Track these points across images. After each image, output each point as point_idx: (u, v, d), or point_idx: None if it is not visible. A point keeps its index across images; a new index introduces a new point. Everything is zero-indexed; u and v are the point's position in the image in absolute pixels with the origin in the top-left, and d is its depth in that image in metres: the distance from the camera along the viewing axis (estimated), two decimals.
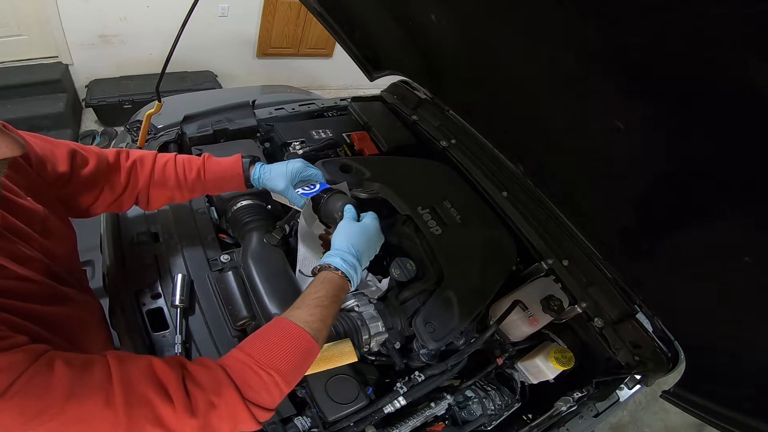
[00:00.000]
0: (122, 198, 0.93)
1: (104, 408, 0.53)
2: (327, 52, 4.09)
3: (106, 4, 2.92)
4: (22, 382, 0.48)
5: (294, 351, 0.68)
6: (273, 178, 1.00)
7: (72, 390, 0.51)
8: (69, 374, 0.52)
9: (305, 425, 0.90)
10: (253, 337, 0.71)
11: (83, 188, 0.86)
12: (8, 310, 0.56)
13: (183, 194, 0.99)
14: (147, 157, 0.95)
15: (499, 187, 1.35)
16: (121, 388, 0.54)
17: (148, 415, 0.55)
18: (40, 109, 2.79)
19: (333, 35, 1.47)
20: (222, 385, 0.61)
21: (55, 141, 0.81)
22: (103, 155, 0.89)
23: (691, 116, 0.68)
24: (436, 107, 1.62)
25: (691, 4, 0.54)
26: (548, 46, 0.84)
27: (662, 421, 2.38)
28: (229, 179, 1.01)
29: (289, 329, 0.70)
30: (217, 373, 0.62)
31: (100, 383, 0.54)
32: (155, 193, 0.96)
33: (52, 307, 0.66)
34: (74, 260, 0.85)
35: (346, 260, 0.83)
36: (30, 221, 0.69)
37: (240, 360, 0.65)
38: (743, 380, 0.85)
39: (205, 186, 1.00)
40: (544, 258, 1.20)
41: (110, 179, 0.90)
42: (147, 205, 0.98)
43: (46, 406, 0.49)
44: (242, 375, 0.63)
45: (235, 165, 1.00)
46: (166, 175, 0.95)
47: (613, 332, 1.10)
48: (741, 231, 0.75)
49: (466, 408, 1.08)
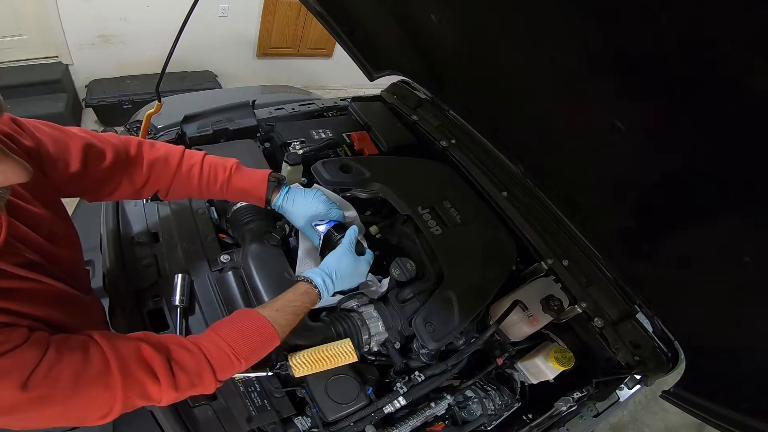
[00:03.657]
0: (142, 191, 0.93)
1: (104, 390, 0.60)
2: (327, 52, 4.09)
3: (106, 4, 2.92)
4: (40, 374, 0.54)
5: (264, 348, 0.79)
6: (294, 212, 1.02)
7: (78, 378, 0.58)
8: (74, 363, 0.58)
9: (305, 425, 0.90)
10: (230, 324, 0.78)
11: (99, 183, 0.85)
12: (12, 312, 0.58)
13: (201, 197, 1.05)
14: (173, 155, 0.94)
15: (499, 187, 1.35)
16: (119, 373, 0.61)
17: (138, 392, 0.64)
18: (40, 109, 2.78)
19: (333, 35, 1.47)
20: (203, 369, 0.70)
21: (69, 132, 0.79)
22: (122, 147, 0.87)
23: (692, 116, 0.68)
24: (436, 107, 1.62)
25: (691, 4, 0.54)
26: (548, 46, 0.84)
27: (662, 421, 2.38)
28: (250, 198, 1.02)
29: (266, 330, 0.78)
30: (199, 358, 0.70)
31: (100, 369, 0.60)
32: (173, 193, 0.97)
33: (55, 309, 0.66)
34: (78, 263, 0.85)
35: (326, 283, 0.90)
36: (37, 227, 0.69)
37: (219, 347, 0.73)
38: (743, 380, 0.85)
39: (224, 197, 1.01)
40: (544, 258, 1.20)
41: (130, 172, 0.88)
42: (165, 196, 0.98)
43: (57, 394, 0.56)
44: (219, 360, 0.72)
45: (260, 186, 1.00)
46: (190, 180, 0.95)
47: (613, 332, 1.10)
48: (741, 231, 0.75)
49: (466, 408, 1.08)
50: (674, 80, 0.66)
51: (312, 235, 1.05)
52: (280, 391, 0.91)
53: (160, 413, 0.84)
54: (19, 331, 0.56)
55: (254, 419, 0.86)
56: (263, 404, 0.88)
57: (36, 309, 0.62)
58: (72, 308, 0.71)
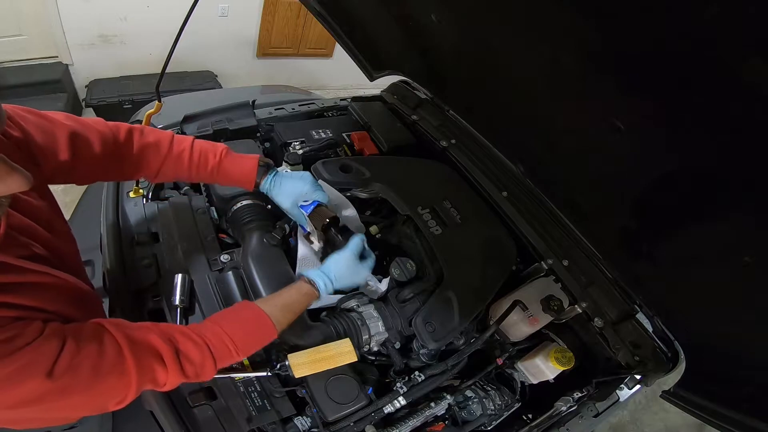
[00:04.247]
0: (132, 175, 0.94)
1: (120, 377, 0.63)
2: (327, 52, 4.09)
3: (106, 4, 2.91)
4: (64, 364, 0.56)
5: (262, 343, 0.82)
6: (280, 193, 1.02)
7: (97, 368, 0.60)
8: (92, 353, 0.60)
9: (305, 425, 0.90)
10: (233, 316, 0.81)
11: (88, 172, 0.84)
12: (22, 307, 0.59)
13: (191, 179, 1.04)
14: (163, 140, 0.93)
15: (499, 187, 1.35)
16: (133, 360, 0.64)
17: (150, 377, 0.67)
18: (40, 109, 2.78)
19: (333, 35, 1.47)
20: (206, 359, 0.74)
21: (54, 120, 0.77)
22: (110, 134, 0.85)
23: (691, 116, 0.68)
24: (436, 107, 1.62)
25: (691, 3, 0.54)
26: (548, 46, 0.84)
27: (662, 421, 2.38)
28: (240, 182, 1.02)
29: (266, 326, 0.81)
30: (204, 350, 0.73)
31: (115, 357, 0.62)
32: (162, 176, 0.97)
33: (65, 303, 0.67)
34: (78, 258, 0.85)
35: (327, 286, 0.92)
36: (37, 218, 0.69)
37: (222, 340, 0.76)
38: (743, 380, 0.85)
39: (215, 180, 1.02)
40: (544, 258, 1.20)
41: (119, 157, 0.87)
42: (153, 179, 0.99)
43: (77, 384, 0.58)
44: (221, 353, 0.75)
45: (251, 174, 1.00)
46: (180, 163, 0.95)
47: (613, 332, 1.10)
48: (741, 231, 0.75)
49: (466, 408, 1.08)
50: (674, 80, 0.66)
51: (299, 218, 1.04)
52: (280, 391, 0.91)
53: (160, 413, 0.84)
54: (34, 325, 0.57)
55: (254, 419, 0.86)
56: (263, 404, 0.88)
57: (46, 303, 0.63)
58: (80, 301, 0.72)
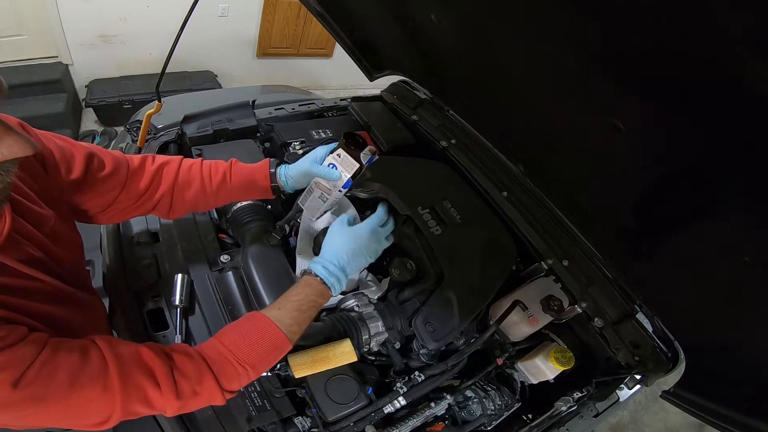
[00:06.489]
0: (141, 201, 0.89)
1: (102, 393, 0.59)
2: (327, 52, 4.09)
3: (106, 4, 2.91)
4: (32, 374, 0.53)
5: (268, 349, 0.75)
6: (297, 164, 0.98)
7: (74, 378, 0.57)
8: (70, 363, 0.57)
9: (305, 425, 0.90)
10: (232, 328, 0.76)
11: (96, 192, 0.84)
12: (12, 308, 0.58)
13: (207, 200, 0.96)
14: (173, 160, 0.94)
15: (499, 187, 1.35)
16: (118, 376, 0.60)
17: (139, 397, 0.62)
18: (40, 109, 2.79)
19: (333, 35, 1.47)
20: (204, 375, 0.68)
21: (75, 143, 0.80)
22: (124, 160, 0.87)
23: (691, 116, 0.68)
24: (436, 107, 1.62)
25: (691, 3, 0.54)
26: (548, 46, 0.84)
27: (662, 421, 2.38)
28: (257, 182, 0.98)
29: (268, 329, 0.76)
30: (200, 364, 0.68)
31: (98, 370, 0.59)
32: (178, 197, 0.93)
33: (56, 307, 0.67)
34: (80, 265, 0.85)
35: (328, 268, 0.86)
36: (40, 226, 0.69)
37: (220, 353, 0.71)
38: (743, 380, 0.85)
39: (231, 191, 0.97)
40: (544, 258, 1.20)
41: (128, 184, 0.87)
42: (168, 211, 0.94)
43: (51, 394, 0.55)
44: (221, 367, 0.70)
45: (263, 167, 0.99)
46: (191, 176, 0.93)
47: (613, 332, 1.10)
48: (741, 231, 0.75)
49: (466, 408, 1.08)
50: (674, 80, 0.66)
51: (326, 172, 0.95)
52: (280, 391, 0.91)
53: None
54: (18, 330, 0.56)
55: (254, 419, 0.86)
56: (263, 404, 0.88)
57: (36, 306, 0.62)
58: (72, 307, 0.71)
